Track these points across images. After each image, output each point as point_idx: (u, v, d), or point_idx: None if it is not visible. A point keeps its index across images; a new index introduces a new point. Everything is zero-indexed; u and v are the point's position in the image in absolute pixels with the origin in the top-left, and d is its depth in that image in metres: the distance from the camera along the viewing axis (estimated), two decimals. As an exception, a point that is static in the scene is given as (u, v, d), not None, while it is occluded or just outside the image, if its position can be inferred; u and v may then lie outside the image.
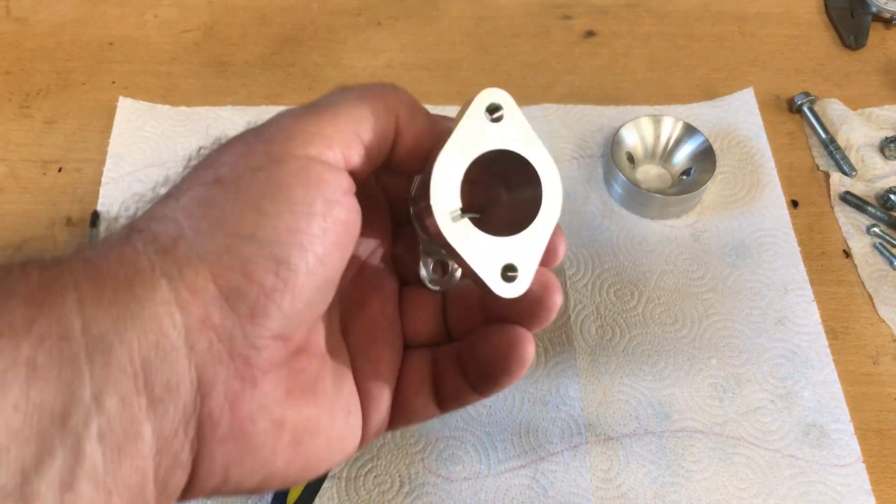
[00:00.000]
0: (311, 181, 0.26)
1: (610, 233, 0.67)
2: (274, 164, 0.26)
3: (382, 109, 0.29)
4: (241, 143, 0.27)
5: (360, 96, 0.29)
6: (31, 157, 0.71)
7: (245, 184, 0.25)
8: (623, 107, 0.76)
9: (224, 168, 0.26)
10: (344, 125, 0.27)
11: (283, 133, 0.27)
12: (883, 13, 0.82)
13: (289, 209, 0.25)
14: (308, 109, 0.28)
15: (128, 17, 0.82)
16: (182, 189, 0.27)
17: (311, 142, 0.27)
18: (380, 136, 0.29)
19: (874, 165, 0.72)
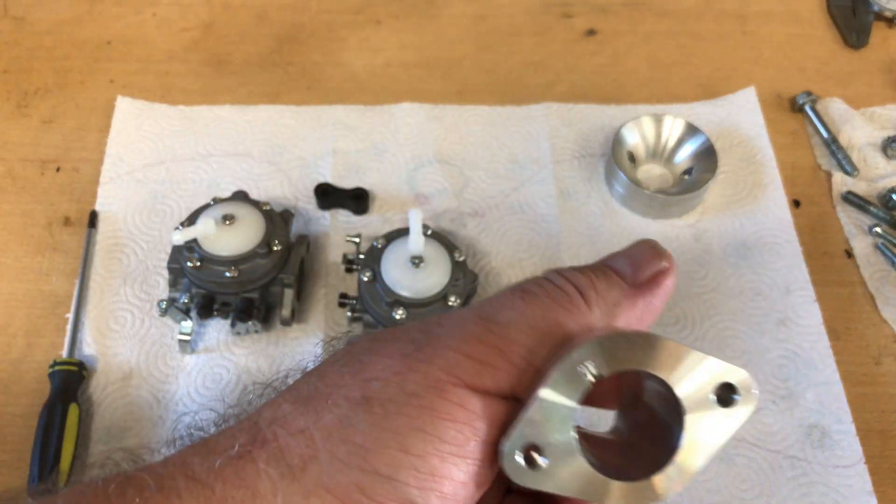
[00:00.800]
0: (467, 419, 0.23)
1: (611, 233, 0.67)
2: (431, 394, 0.23)
3: (569, 331, 0.25)
4: (399, 356, 0.24)
5: (543, 313, 0.25)
6: (29, 156, 0.71)
7: (394, 410, 0.23)
8: (624, 106, 0.75)
9: (374, 385, 0.24)
10: (519, 355, 0.24)
11: (447, 357, 0.24)
12: (885, 12, 0.81)
13: (437, 451, 0.23)
14: (480, 324, 0.24)
15: (126, 15, 0.82)
16: (323, 398, 0.24)
17: (478, 374, 0.24)
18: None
19: (876, 165, 0.71)
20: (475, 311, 0.26)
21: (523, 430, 0.23)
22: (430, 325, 0.25)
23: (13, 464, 0.55)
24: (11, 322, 0.61)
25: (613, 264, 0.27)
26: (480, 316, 0.25)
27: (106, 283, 0.63)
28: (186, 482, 0.22)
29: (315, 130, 0.73)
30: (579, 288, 0.26)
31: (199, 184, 0.69)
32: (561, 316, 0.25)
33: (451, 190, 0.69)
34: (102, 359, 0.59)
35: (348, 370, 0.25)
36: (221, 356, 0.60)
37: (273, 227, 0.59)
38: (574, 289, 0.26)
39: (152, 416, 0.57)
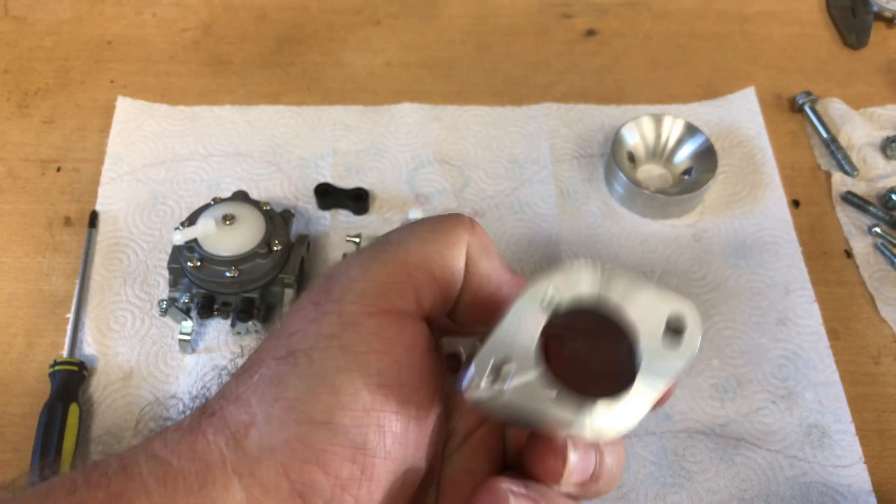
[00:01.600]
0: (387, 347, 0.24)
1: (611, 233, 0.67)
2: (348, 330, 0.24)
3: (454, 244, 0.27)
4: (311, 304, 0.25)
5: (431, 229, 0.27)
6: (30, 156, 0.71)
7: (318, 356, 0.24)
8: (624, 106, 0.75)
9: (295, 337, 0.25)
10: (416, 266, 0.26)
11: (353, 289, 0.25)
12: (884, 12, 0.81)
13: (364, 384, 0.23)
14: (376, 252, 0.26)
15: (126, 15, 0.82)
16: (255, 362, 0.25)
17: (384, 294, 0.25)
18: (451, 273, 0.26)
19: (876, 165, 0.71)
20: (372, 243, 0.27)
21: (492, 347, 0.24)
22: (335, 269, 0.27)
23: (14, 463, 0.55)
24: (12, 322, 0.61)
25: None
26: (375, 244, 0.27)
27: (106, 282, 0.63)
28: (146, 459, 0.23)
29: (315, 130, 0.73)
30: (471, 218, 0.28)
31: (200, 184, 0.69)
32: (447, 228, 0.27)
33: (451, 190, 0.69)
34: (103, 358, 0.59)
35: (274, 333, 0.26)
36: (222, 356, 0.60)
37: (273, 227, 0.59)
38: (461, 215, 0.28)
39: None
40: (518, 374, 0.24)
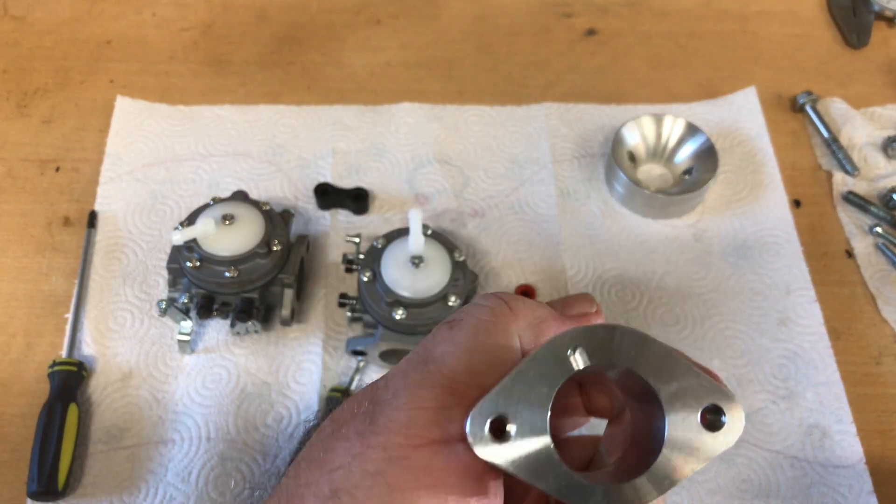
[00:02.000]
0: (438, 480, 0.23)
1: (611, 233, 0.67)
2: (394, 466, 0.23)
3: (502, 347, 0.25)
4: (356, 435, 0.24)
5: (472, 335, 0.25)
6: (29, 156, 0.71)
7: (363, 496, 0.23)
8: (624, 106, 0.75)
9: (339, 474, 0.23)
10: (466, 384, 0.24)
11: (399, 419, 0.23)
12: (885, 12, 0.81)
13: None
14: (422, 375, 0.24)
15: (126, 15, 0.82)
16: (297, 498, 0.24)
17: (434, 421, 0.23)
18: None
19: (877, 165, 0.71)
20: (413, 358, 0.25)
21: (496, 399, 0.23)
22: (378, 390, 0.25)
23: (13, 463, 0.55)
24: (11, 322, 0.61)
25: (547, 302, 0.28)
26: (418, 361, 0.25)
27: (105, 283, 0.63)
28: None
29: (315, 130, 0.73)
30: (503, 299, 0.26)
31: (199, 184, 0.69)
32: (490, 327, 0.25)
33: (451, 190, 0.69)
34: (102, 359, 0.59)
35: (315, 464, 0.24)
36: (221, 356, 0.60)
37: (273, 227, 0.59)
38: (497, 300, 0.26)
39: (152, 416, 0.57)
40: (523, 436, 0.22)
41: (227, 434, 0.56)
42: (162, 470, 0.55)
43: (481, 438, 0.22)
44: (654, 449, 0.23)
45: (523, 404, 0.23)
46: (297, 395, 0.58)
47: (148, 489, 0.54)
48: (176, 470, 0.55)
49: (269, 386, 0.59)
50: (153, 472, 0.55)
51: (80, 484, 0.54)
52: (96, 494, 0.54)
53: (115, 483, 0.54)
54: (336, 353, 0.60)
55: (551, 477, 0.22)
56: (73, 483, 0.54)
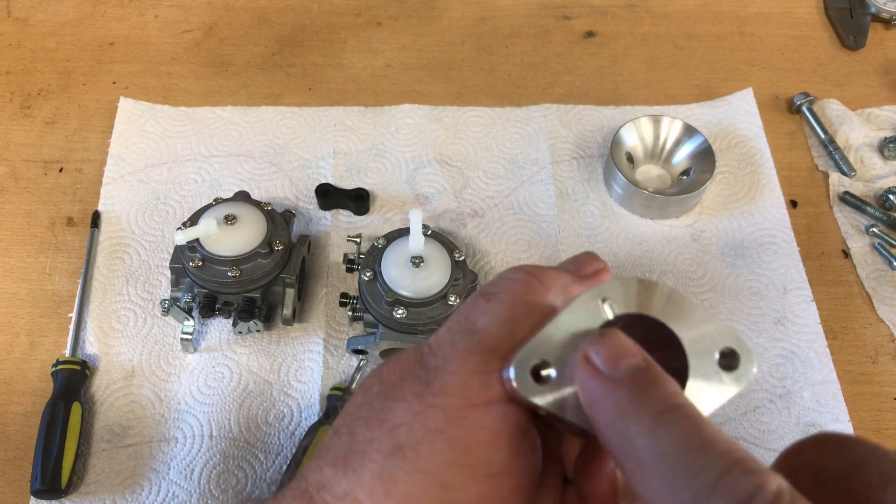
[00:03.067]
0: (493, 436, 0.25)
1: (609, 233, 0.68)
2: (453, 424, 0.25)
3: (536, 311, 0.27)
4: (413, 397, 0.26)
5: (509, 305, 0.27)
6: (32, 157, 0.71)
7: (426, 451, 0.24)
8: (623, 107, 0.76)
9: (400, 431, 0.25)
10: (505, 346, 0.26)
11: (454, 383, 0.25)
12: (882, 13, 0.82)
13: (474, 477, 0.24)
14: (469, 343, 0.26)
15: (128, 17, 0.82)
16: (358, 455, 0.25)
17: (485, 384, 0.25)
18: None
19: (873, 165, 0.72)
20: (456, 328, 0.27)
21: (536, 346, 0.25)
22: (425, 356, 0.27)
23: (16, 462, 0.55)
24: (15, 321, 0.62)
25: (559, 265, 0.31)
26: (462, 331, 0.27)
27: (109, 282, 0.63)
28: None
29: (316, 131, 0.73)
30: (531, 272, 0.28)
31: (201, 184, 0.69)
32: (525, 297, 0.27)
33: (451, 190, 0.70)
34: (105, 358, 0.60)
35: (374, 421, 0.26)
36: (223, 355, 0.60)
37: (274, 227, 0.59)
38: (526, 273, 0.28)
39: (154, 414, 0.57)
40: (563, 378, 0.25)
41: (230, 432, 0.57)
42: (164, 468, 0.55)
43: (524, 382, 0.24)
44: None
45: (561, 350, 0.25)
46: (298, 394, 0.59)
47: (150, 487, 0.54)
48: (178, 468, 0.55)
49: (271, 385, 0.59)
50: (156, 471, 0.55)
51: (84, 482, 0.54)
52: (99, 492, 0.54)
53: (118, 481, 0.55)
54: (337, 352, 0.61)
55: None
56: (76, 481, 0.54)
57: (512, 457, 0.25)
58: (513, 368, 0.25)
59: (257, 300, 0.58)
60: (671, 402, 0.22)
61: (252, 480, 0.55)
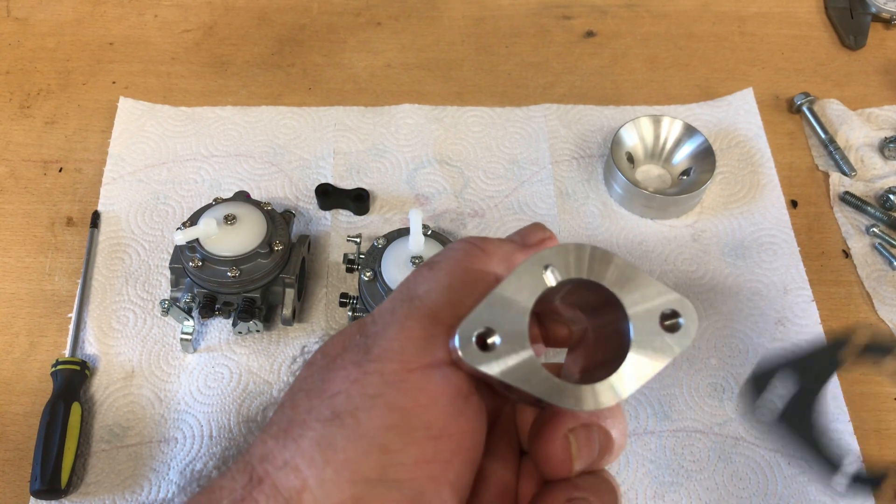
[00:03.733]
0: (432, 399, 0.25)
1: (610, 233, 0.68)
2: (391, 389, 0.25)
3: (478, 280, 0.27)
4: (352, 365, 0.26)
5: (450, 273, 0.27)
6: (32, 157, 0.71)
7: (364, 416, 0.24)
8: (623, 107, 0.76)
9: (339, 399, 0.25)
10: (448, 315, 0.26)
11: (392, 348, 0.25)
12: (882, 13, 0.82)
13: (413, 439, 0.24)
14: (408, 310, 0.26)
15: (128, 17, 0.82)
16: (298, 426, 0.25)
17: (423, 349, 0.25)
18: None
19: (874, 165, 0.72)
20: (397, 296, 0.27)
21: (480, 314, 0.25)
22: (366, 325, 0.27)
23: (16, 462, 0.55)
24: (14, 321, 0.62)
25: (506, 237, 0.31)
26: (402, 299, 0.27)
27: (108, 282, 0.63)
28: None
29: (316, 131, 0.73)
30: (474, 242, 0.29)
31: (201, 184, 0.69)
32: (466, 264, 0.28)
33: (451, 190, 0.70)
34: (105, 358, 0.60)
35: (314, 392, 0.26)
36: (223, 355, 0.60)
37: (274, 228, 0.59)
38: (469, 243, 0.29)
39: (154, 414, 0.57)
40: (508, 345, 0.25)
41: (229, 433, 0.57)
42: (164, 468, 0.55)
43: (469, 351, 0.24)
44: (619, 355, 0.25)
45: (505, 318, 0.25)
46: (298, 394, 0.59)
47: (150, 487, 0.54)
48: (178, 468, 0.55)
49: (271, 385, 0.59)
50: (155, 471, 0.55)
51: (83, 482, 0.54)
52: (99, 493, 0.54)
53: (118, 481, 0.55)
54: (337, 353, 0.61)
55: (534, 381, 0.25)
56: (75, 481, 0.54)
57: (453, 419, 0.25)
58: (457, 337, 0.25)
59: (257, 300, 0.58)
60: None
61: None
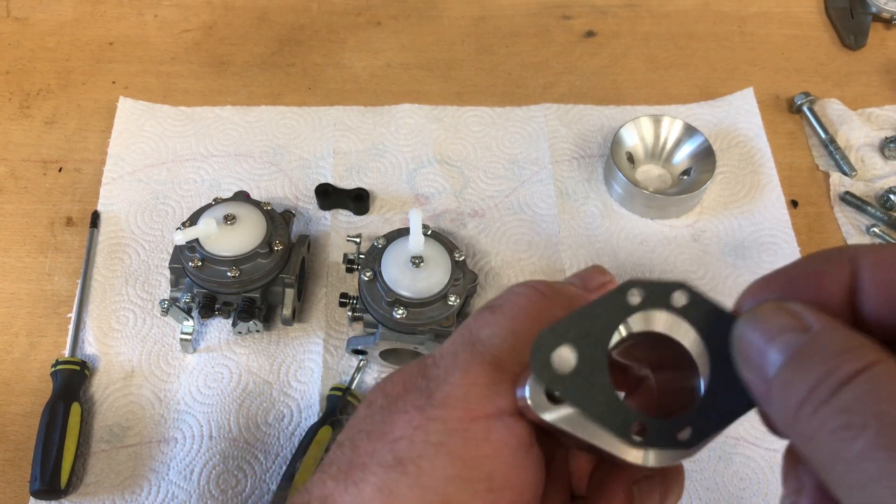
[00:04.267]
0: (495, 450, 0.24)
1: (610, 233, 0.68)
2: (454, 437, 0.24)
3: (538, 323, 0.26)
4: (414, 409, 0.25)
5: (512, 318, 0.27)
6: (32, 157, 0.71)
7: (427, 465, 0.24)
8: (623, 107, 0.76)
9: (401, 444, 0.25)
10: (512, 362, 0.26)
11: (456, 395, 0.25)
12: (883, 13, 0.82)
13: (475, 491, 0.24)
14: (472, 354, 0.26)
15: (128, 16, 0.82)
16: (359, 468, 0.25)
17: (487, 396, 0.25)
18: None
19: (874, 165, 0.72)
20: (459, 339, 0.27)
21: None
22: (428, 367, 0.27)
23: (15, 462, 0.55)
24: (14, 321, 0.62)
25: (565, 280, 0.30)
26: (465, 343, 0.27)
27: (108, 282, 0.63)
28: None
29: (316, 131, 0.73)
30: (536, 287, 0.28)
31: (201, 184, 0.69)
32: (528, 310, 0.27)
33: (451, 190, 0.70)
34: (104, 358, 0.60)
35: (375, 434, 0.26)
36: (223, 355, 0.60)
37: (274, 227, 0.59)
38: (531, 288, 0.28)
39: (154, 414, 0.57)
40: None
41: (229, 433, 0.57)
42: (164, 468, 0.55)
43: (540, 401, 0.24)
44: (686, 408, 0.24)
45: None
46: (298, 394, 0.59)
47: (150, 487, 0.54)
48: (178, 468, 0.55)
49: (271, 385, 0.59)
50: (155, 471, 0.55)
51: (83, 482, 0.54)
52: (99, 493, 0.54)
53: (118, 481, 0.55)
54: (337, 353, 0.61)
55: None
56: (75, 481, 0.54)
57: (515, 471, 0.25)
58: (528, 387, 0.24)
59: (257, 300, 0.58)
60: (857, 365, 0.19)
61: (251, 481, 0.55)
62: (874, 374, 0.19)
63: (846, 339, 0.20)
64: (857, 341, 0.20)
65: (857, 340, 0.20)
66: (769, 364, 0.21)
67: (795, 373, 0.21)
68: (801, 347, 0.21)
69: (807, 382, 0.20)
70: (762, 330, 0.22)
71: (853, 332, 0.21)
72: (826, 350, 0.20)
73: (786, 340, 0.21)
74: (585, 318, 0.24)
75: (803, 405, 0.20)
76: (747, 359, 0.23)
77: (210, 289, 0.58)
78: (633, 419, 0.24)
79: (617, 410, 0.24)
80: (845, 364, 0.20)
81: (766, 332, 0.22)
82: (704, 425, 0.24)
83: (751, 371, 0.22)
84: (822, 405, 0.19)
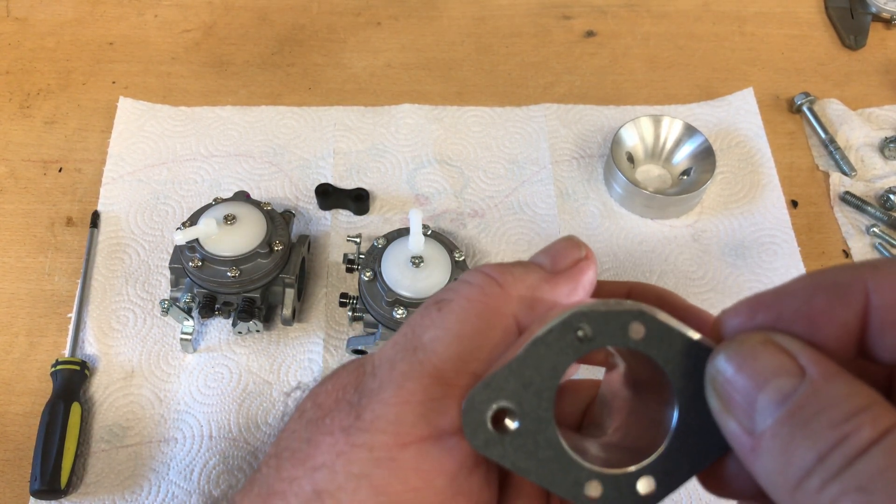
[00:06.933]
0: (426, 482, 0.21)
1: (610, 233, 0.68)
2: (379, 469, 0.21)
3: (493, 325, 0.23)
4: (340, 431, 0.22)
5: (460, 319, 0.23)
6: (32, 157, 0.71)
7: (346, 499, 0.21)
8: (623, 107, 0.76)
9: (321, 474, 0.22)
10: (455, 372, 0.22)
11: (386, 415, 0.22)
12: (882, 13, 0.82)
13: None
14: (410, 364, 0.23)
15: (128, 16, 0.82)
16: (278, 497, 0.23)
17: (422, 415, 0.22)
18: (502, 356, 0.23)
19: (874, 165, 0.72)
20: (401, 342, 0.24)
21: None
22: (364, 376, 0.24)
23: (15, 462, 0.55)
24: (14, 321, 0.62)
25: (532, 258, 0.26)
26: (405, 348, 0.23)
27: (108, 282, 0.63)
28: None
29: (316, 131, 0.73)
30: (491, 275, 0.24)
31: (201, 184, 0.69)
32: (480, 305, 0.23)
33: (451, 190, 0.70)
34: (104, 358, 0.60)
35: (298, 457, 0.23)
36: (223, 355, 0.60)
37: (274, 227, 0.59)
38: (486, 277, 0.24)
39: (154, 414, 0.57)
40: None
41: (229, 433, 0.57)
42: (164, 468, 0.55)
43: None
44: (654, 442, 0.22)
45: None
46: (298, 394, 0.59)
47: (150, 487, 0.54)
48: (178, 468, 0.55)
49: (271, 385, 0.59)
50: (155, 471, 0.55)
51: (83, 482, 0.54)
52: (99, 493, 0.54)
53: (118, 481, 0.55)
54: (337, 352, 0.61)
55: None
56: (75, 481, 0.54)
57: (451, 500, 0.22)
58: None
59: (257, 300, 0.58)
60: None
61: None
62: (892, 443, 0.17)
63: (853, 393, 0.18)
64: (866, 397, 0.18)
65: (866, 396, 0.18)
66: (758, 413, 0.19)
67: (797, 433, 0.18)
68: (801, 400, 0.18)
69: (814, 448, 0.17)
70: (750, 370, 0.19)
71: (858, 383, 0.18)
72: (834, 408, 0.17)
73: (780, 388, 0.18)
74: (526, 365, 0.21)
75: (809, 476, 0.17)
76: (728, 401, 0.20)
77: (210, 289, 0.58)
78: (585, 478, 0.21)
79: (568, 468, 0.21)
80: (860, 429, 0.17)
81: (755, 373, 0.19)
82: (670, 476, 0.21)
83: (733, 416, 0.20)
84: (833, 479, 0.17)
